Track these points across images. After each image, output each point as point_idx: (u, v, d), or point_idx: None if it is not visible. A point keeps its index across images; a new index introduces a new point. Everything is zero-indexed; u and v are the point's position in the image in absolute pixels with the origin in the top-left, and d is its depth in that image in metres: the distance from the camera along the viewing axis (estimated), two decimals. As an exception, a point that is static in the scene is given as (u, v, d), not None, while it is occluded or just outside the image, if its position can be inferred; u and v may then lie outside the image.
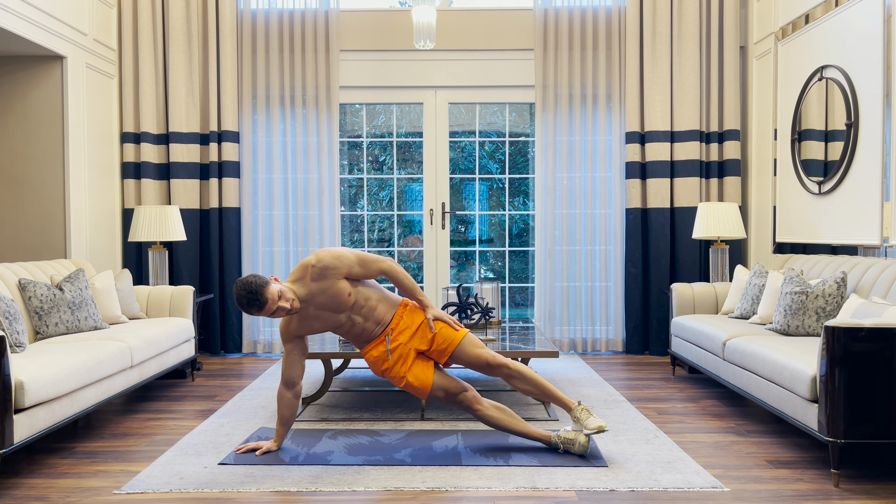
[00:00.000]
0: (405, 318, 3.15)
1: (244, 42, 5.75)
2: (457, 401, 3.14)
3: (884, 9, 3.92)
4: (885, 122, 3.92)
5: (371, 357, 3.15)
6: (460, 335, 3.14)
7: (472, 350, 3.12)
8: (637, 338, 5.71)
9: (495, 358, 3.12)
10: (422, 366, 3.13)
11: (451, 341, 3.12)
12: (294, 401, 3.15)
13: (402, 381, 3.11)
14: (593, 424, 3.00)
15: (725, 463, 3.05)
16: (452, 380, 3.14)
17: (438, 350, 3.13)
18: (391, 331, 3.13)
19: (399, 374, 3.11)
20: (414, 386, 3.11)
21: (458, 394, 3.12)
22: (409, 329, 3.14)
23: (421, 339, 3.14)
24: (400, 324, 3.14)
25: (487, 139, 6.27)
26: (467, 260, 6.43)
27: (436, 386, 3.11)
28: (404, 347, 3.12)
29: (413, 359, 3.13)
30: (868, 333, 2.70)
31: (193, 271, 5.72)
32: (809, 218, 4.71)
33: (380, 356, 3.12)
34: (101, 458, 3.16)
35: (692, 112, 5.64)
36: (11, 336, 3.33)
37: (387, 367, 3.13)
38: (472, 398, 3.14)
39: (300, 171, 5.81)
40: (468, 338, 3.15)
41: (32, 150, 4.94)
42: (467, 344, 3.13)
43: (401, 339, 3.12)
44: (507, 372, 3.11)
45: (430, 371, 3.12)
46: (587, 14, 5.73)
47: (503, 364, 3.11)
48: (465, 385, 3.15)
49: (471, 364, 3.13)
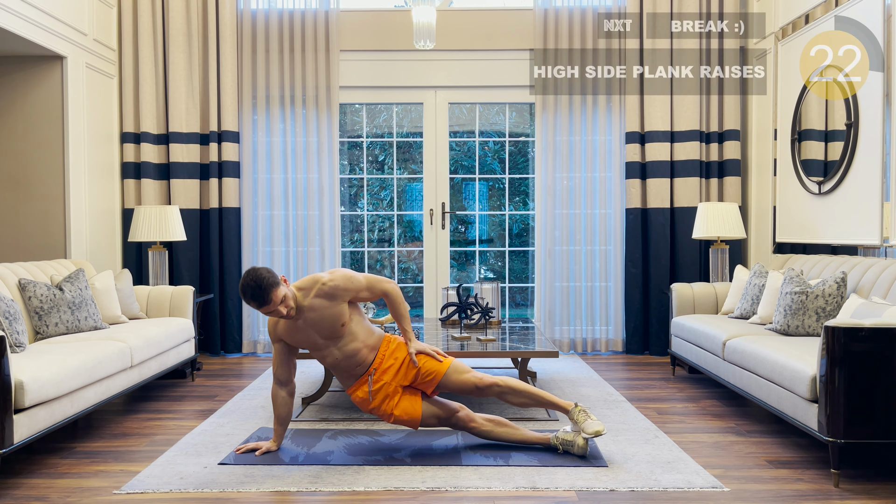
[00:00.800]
0: (387, 358, 3.14)
1: (244, 42, 5.75)
2: (451, 423, 3.16)
3: (884, 9, 3.92)
4: (885, 122, 3.92)
5: (357, 398, 3.16)
6: (445, 366, 3.13)
7: (459, 377, 3.12)
8: (637, 338, 5.71)
9: (482, 380, 3.12)
10: (409, 399, 3.13)
11: (435, 373, 3.11)
12: (289, 399, 3.15)
13: (391, 417, 3.12)
14: (591, 429, 3.00)
15: (725, 463, 3.05)
16: (442, 405, 3.15)
17: (424, 382, 3.13)
18: (374, 370, 3.13)
19: (387, 412, 3.12)
20: (403, 419, 3.12)
21: (450, 417, 3.14)
22: (392, 367, 3.13)
23: (405, 375, 3.13)
24: (383, 363, 3.13)
25: (487, 139, 6.27)
26: (467, 260, 6.43)
27: (426, 415, 3.12)
28: (389, 386, 3.11)
29: (399, 394, 3.12)
30: (868, 333, 2.70)
31: (193, 271, 5.71)
32: (809, 218, 4.70)
33: (365, 397, 3.13)
34: (101, 458, 3.16)
35: (692, 112, 5.64)
36: (11, 336, 3.32)
37: (373, 407, 3.13)
38: (466, 417, 3.15)
39: (300, 171, 5.81)
40: (453, 366, 3.14)
41: (32, 150, 4.94)
42: (453, 373, 3.12)
43: (385, 379, 3.11)
44: (497, 390, 3.13)
45: (417, 403, 3.12)
46: (587, 14, 5.72)
47: (492, 383, 3.12)
48: (456, 406, 3.16)
49: (460, 391, 3.14)
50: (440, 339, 4.23)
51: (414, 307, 6.10)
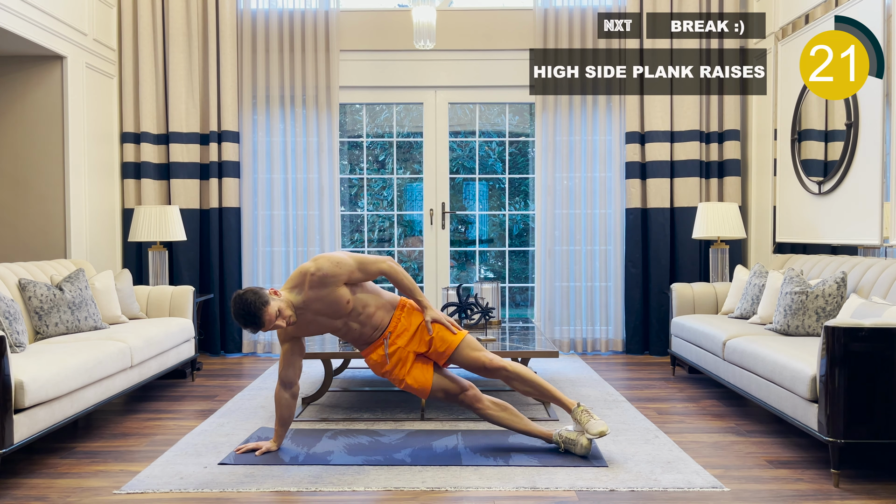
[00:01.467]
0: (402, 321, 3.15)
1: (244, 42, 5.75)
2: (458, 400, 3.14)
3: (884, 9, 3.92)
4: (885, 122, 3.92)
5: (371, 360, 3.16)
6: (458, 338, 3.13)
7: (470, 353, 3.12)
8: (637, 338, 5.71)
9: (493, 361, 3.12)
10: (421, 368, 3.13)
11: (448, 344, 3.11)
12: (292, 401, 3.15)
13: (402, 383, 3.13)
14: (595, 429, 2.98)
15: (725, 463, 3.05)
16: (452, 380, 3.15)
17: (436, 352, 3.13)
18: (389, 334, 3.13)
19: (399, 377, 3.12)
20: (413, 388, 3.12)
21: (458, 394, 3.13)
22: (407, 332, 3.13)
23: (419, 341, 3.14)
24: (398, 327, 3.14)
25: (487, 139, 6.27)
26: (467, 260, 6.43)
27: (435, 387, 3.11)
28: (403, 351, 3.12)
29: (412, 361, 3.13)
30: (868, 333, 2.70)
31: (193, 271, 5.71)
32: (809, 218, 4.70)
33: (379, 360, 3.13)
34: (101, 458, 3.16)
35: (692, 112, 5.64)
36: (11, 336, 3.32)
37: (387, 370, 3.14)
38: (473, 397, 3.14)
39: (300, 171, 5.81)
40: (466, 340, 3.14)
41: (32, 150, 4.94)
42: (465, 347, 3.13)
43: (399, 343, 3.12)
44: (505, 374, 3.11)
45: (429, 373, 3.12)
46: (587, 14, 5.73)
47: (501, 366, 3.11)
48: (466, 384, 3.15)
49: (468, 366, 3.14)
50: (440, 339, 4.22)
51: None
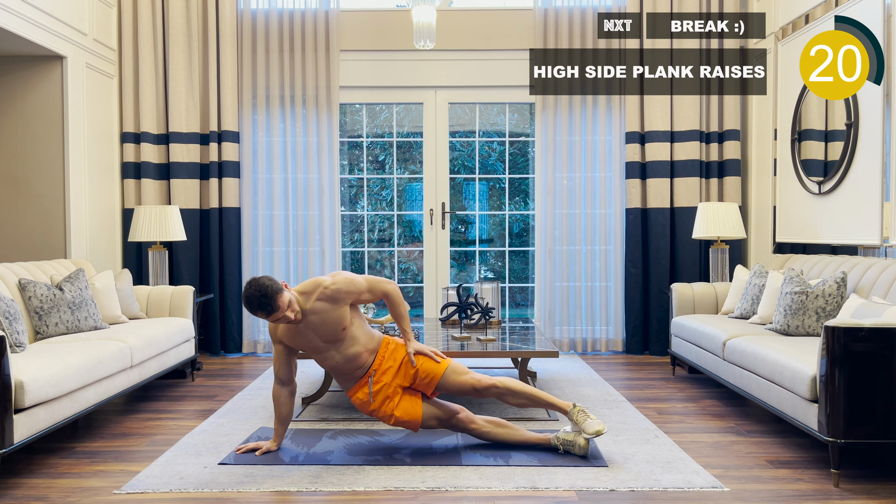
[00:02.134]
0: (387, 359, 3.15)
1: (244, 42, 5.75)
2: (451, 425, 3.16)
3: (884, 9, 3.92)
4: (885, 122, 3.92)
5: (357, 400, 3.16)
6: (442, 367, 3.13)
7: (457, 378, 3.13)
8: (637, 338, 5.71)
9: (480, 381, 3.13)
10: (409, 400, 3.13)
11: (434, 374, 3.12)
12: (290, 399, 3.15)
13: (391, 418, 3.12)
14: (591, 428, 3.00)
15: (725, 463, 3.05)
16: (442, 406, 3.16)
17: (422, 384, 3.13)
18: (374, 372, 3.13)
19: (387, 413, 3.12)
20: (404, 420, 3.11)
21: (450, 418, 3.14)
22: (392, 368, 3.13)
23: (404, 375, 3.14)
24: (382, 364, 3.14)
25: (487, 139, 6.27)
26: (467, 260, 6.43)
27: (426, 416, 3.12)
28: (388, 387, 3.12)
29: (400, 395, 3.13)
30: (868, 333, 2.70)
31: (193, 271, 5.71)
32: (809, 218, 4.70)
33: (365, 399, 3.13)
34: (101, 458, 3.16)
35: (692, 112, 5.64)
36: (11, 336, 3.32)
37: (374, 409, 3.13)
38: (466, 419, 3.16)
39: (300, 171, 5.81)
40: (451, 367, 3.14)
41: (32, 150, 4.94)
42: (451, 373, 3.13)
43: (384, 380, 3.12)
44: (496, 391, 3.13)
45: (418, 404, 3.12)
46: (587, 14, 5.73)
47: (490, 385, 3.12)
48: (456, 408, 3.16)
49: (458, 392, 3.15)
50: (440, 339, 4.23)
51: (414, 307, 6.11)
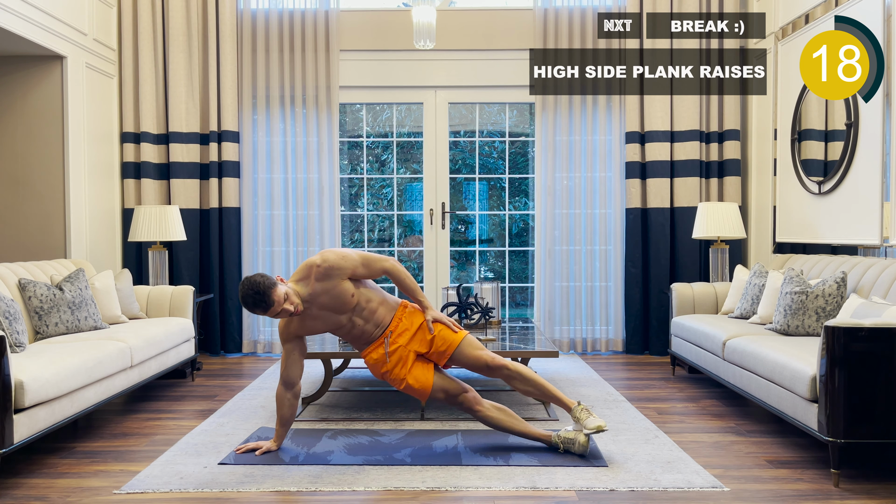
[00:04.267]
0: (404, 321, 3.15)
1: (244, 42, 5.75)
2: (457, 402, 3.14)
3: (884, 9, 3.92)
4: (885, 122, 3.92)
5: (371, 360, 3.15)
6: (459, 337, 3.14)
7: (472, 352, 3.13)
8: (637, 338, 5.71)
9: (494, 359, 3.12)
10: (422, 368, 3.13)
11: (450, 343, 3.12)
12: (293, 401, 3.15)
13: (402, 383, 3.11)
14: (592, 424, 3.00)
15: (725, 463, 3.05)
16: (452, 381, 3.15)
17: (437, 352, 3.13)
18: (390, 333, 3.13)
19: (399, 377, 3.11)
20: (414, 388, 3.11)
21: (458, 395, 3.13)
22: (408, 331, 3.13)
23: (420, 341, 3.14)
24: (399, 326, 3.14)
25: (487, 139, 6.27)
26: (467, 260, 6.43)
27: (436, 387, 3.11)
28: (403, 350, 3.12)
29: (413, 361, 3.13)
30: (868, 333, 2.70)
31: (193, 271, 5.71)
32: (809, 218, 4.70)
33: (379, 359, 3.12)
34: (101, 458, 3.16)
35: (692, 112, 5.64)
36: (11, 336, 3.32)
37: (386, 370, 3.13)
38: (473, 399, 3.14)
39: (300, 171, 5.81)
40: (467, 339, 3.15)
41: (32, 150, 4.94)
42: (466, 346, 3.13)
43: (400, 342, 3.12)
44: (506, 373, 3.12)
45: (430, 373, 3.12)
46: (587, 14, 5.73)
47: (502, 365, 3.11)
48: (466, 386, 3.15)
49: (470, 365, 3.14)
50: (440, 338, 4.22)
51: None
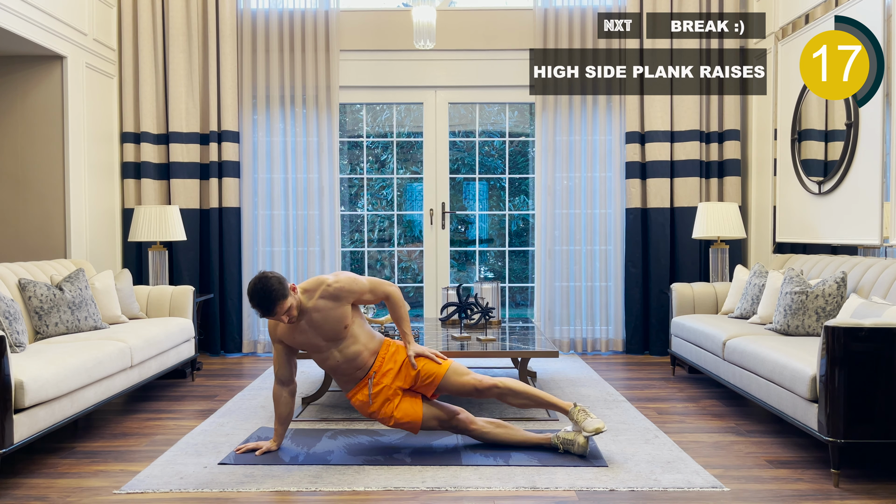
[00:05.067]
0: (387, 361, 3.15)
1: (244, 42, 5.75)
2: (451, 426, 3.16)
3: (884, 9, 3.92)
4: (885, 122, 3.92)
5: (357, 402, 3.16)
6: (444, 368, 3.13)
7: (458, 379, 3.13)
8: (637, 338, 5.71)
9: (482, 381, 3.13)
10: (409, 401, 3.13)
11: (435, 375, 3.12)
12: (290, 399, 3.15)
13: (391, 420, 3.12)
14: (591, 426, 3.01)
15: (725, 463, 3.05)
16: (443, 408, 3.16)
17: (424, 385, 3.14)
18: (374, 374, 3.13)
19: (387, 415, 3.11)
20: (403, 422, 3.11)
21: (451, 419, 3.15)
22: (392, 370, 3.13)
23: (404, 377, 3.14)
24: (383, 366, 3.14)
25: (488, 139, 6.27)
26: (467, 260, 6.43)
27: (427, 418, 3.12)
28: (388, 389, 3.11)
29: (400, 397, 3.12)
30: (868, 333, 2.70)
31: (193, 271, 5.71)
32: (809, 218, 4.70)
33: (365, 400, 3.13)
34: (101, 458, 3.16)
35: (692, 112, 5.64)
36: (11, 336, 3.32)
37: (373, 411, 3.13)
38: (466, 420, 3.16)
39: (300, 171, 5.81)
40: (452, 368, 3.15)
41: (32, 150, 4.94)
42: (452, 374, 3.13)
43: (384, 382, 3.12)
44: (497, 391, 3.14)
45: (418, 406, 3.12)
46: (587, 14, 5.73)
47: (491, 385, 3.13)
48: (457, 409, 3.17)
49: (458, 392, 3.15)
50: (440, 339, 4.23)
51: (414, 307, 6.11)
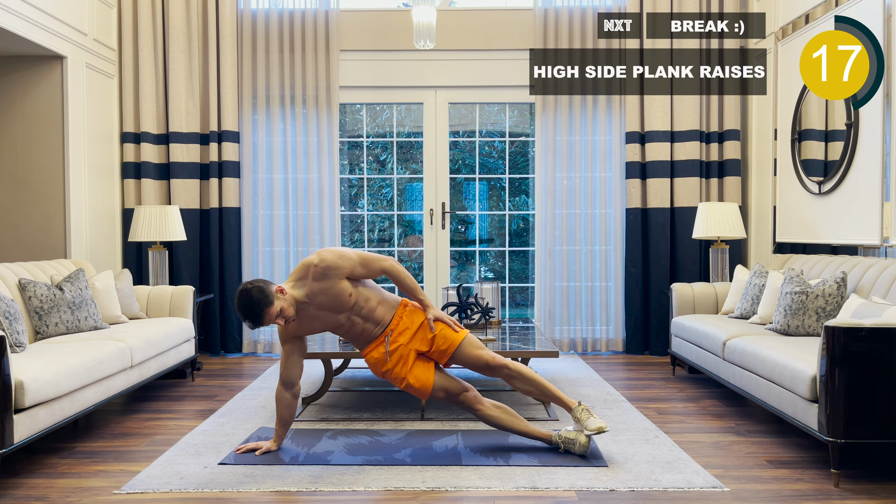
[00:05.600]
0: (405, 319, 3.15)
1: (244, 42, 5.75)
2: (458, 401, 3.14)
3: (884, 9, 3.92)
4: (885, 122, 3.92)
5: (371, 359, 3.14)
6: (460, 336, 3.14)
7: (473, 351, 3.13)
8: (637, 338, 5.71)
9: (495, 359, 3.12)
10: (422, 367, 3.12)
11: (451, 342, 3.11)
12: (293, 401, 3.15)
13: (403, 382, 3.11)
14: (593, 425, 3.00)
15: (725, 463, 3.05)
16: (453, 380, 3.14)
17: (438, 351, 3.13)
18: (391, 332, 3.12)
19: (400, 376, 3.11)
20: (414, 387, 3.11)
21: (458, 394, 3.12)
22: (409, 330, 3.13)
23: (421, 340, 3.13)
24: (400, 324, 3.14)
25: (487, 139, 6.27)
26: (467, 260, 6.43)
27: (436, 386, 3.11)
28: (404, 349, 3.11)
29: (413, 360, 3.12)
30: (868, 333, 2.70)
31: (193, 271, 5.71)
32: (809, 218, 4.70)
33: (380, 358, 3.12)
34: (101, 458, 3.16)
35: (692, 112, 5.64)
36: (11, 336, 3.32)
37: (387, 369, 3.12)
38: (473, 398, 3.14)
39: (300, 171, 5.81)
40: (468, 339, 3.15)
41: (32, 150, 4.94)
42: (467, 345, 3.13)
43: (401, 340, 3.11)
44: (507, 373, 3.12)
45: (430, 372, 3.12)
46: (587, 14, 5.73)
47: (503, 365, 3.11)
48: (466, 385, 3.15)
49: (471, 365, 3.14)
50: (440, 339, 4.22)
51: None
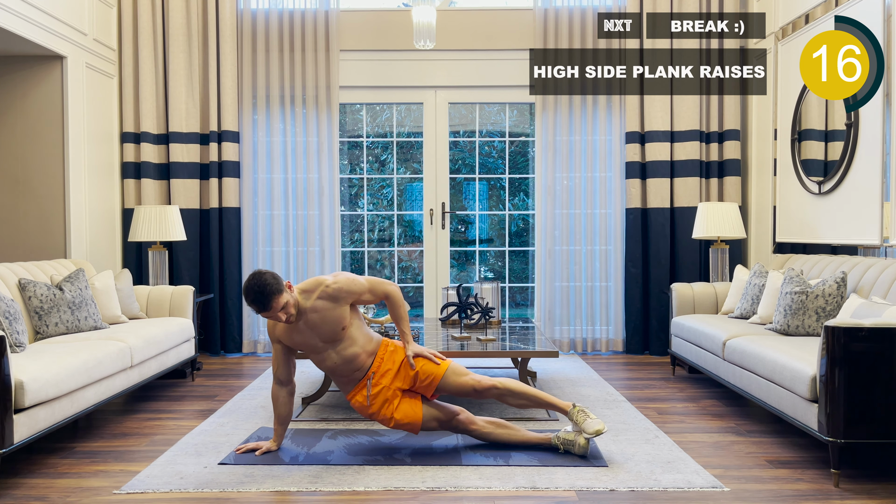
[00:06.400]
0: (386, 361, 3.14)
1: (244, 42, 5.75)
2: (451, 426, 3.16)
3: (884, 9, 3.92)
4: (885, 122, 3.92)
5: (356, 403, 3.15)
6: (443, 368, 3.13)
7: (457, 380, 3.13)
8: (637, 338, 5.71)
9: (481, 382, 3.13)
10: (409, 402, 3.12)
11: (434, 376, 3.11)
12: (289, 399, 3.15)
13: (391, 421, 3.11)
14: (591, 428, 3.00)
15: (725, 463, 3.05)
16: (443, 408, 3.15)
17: (423, 386, 3.13)
18: (373, 374, 3.12)
19: (387, 416, 3.11)
20: (403, 423, 3.11)
21: (451, 420, 3.14)
22: (390, 371, 3.12)
23: (403, 378, 3.13)
24: (381, 367, 3.13)
25: (488, 139, 6.27)
26: (467, 260, 6.43)
27: (427, 418, 3.11)
28: (387, 390, 3.11)
29: (399, 398, 3.12)
30: (868, 333, 2.70)
31: (193, 271, 5.71)
32: (809, 218, 4.70)
33: (364, 402, 3.12)
34: (101, 458, 3.16)
35: (692, 112, 5.64)
36: (11, 336, 3.32)
37: (373, 412, 3.13)
38: (466, 420, 3.16)
39: (300, 171, 5.81)
40: (451, 368, 3.14)
41: (32, 150, 4.94)
42: (451, 375, 3.13)
43: (383, 382, 3.11)
44: (496, 392, 3.13)
45: (418, 407, 3.11)
46: (587, 14, 5.73)
47: (491, 386, 3.13)
48: (457, 409, 3.16)
49: (458, 393, 3.14)
50: (440, 339, 4.23)
51: (414, 307, 6.11)
